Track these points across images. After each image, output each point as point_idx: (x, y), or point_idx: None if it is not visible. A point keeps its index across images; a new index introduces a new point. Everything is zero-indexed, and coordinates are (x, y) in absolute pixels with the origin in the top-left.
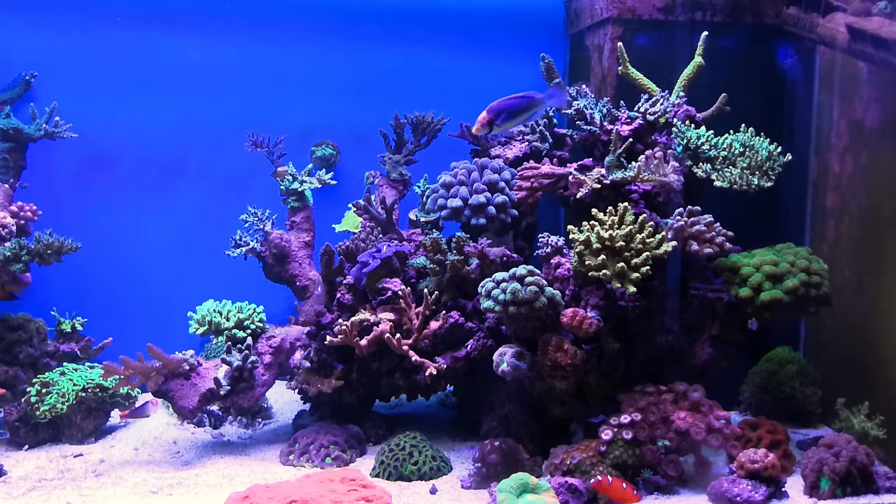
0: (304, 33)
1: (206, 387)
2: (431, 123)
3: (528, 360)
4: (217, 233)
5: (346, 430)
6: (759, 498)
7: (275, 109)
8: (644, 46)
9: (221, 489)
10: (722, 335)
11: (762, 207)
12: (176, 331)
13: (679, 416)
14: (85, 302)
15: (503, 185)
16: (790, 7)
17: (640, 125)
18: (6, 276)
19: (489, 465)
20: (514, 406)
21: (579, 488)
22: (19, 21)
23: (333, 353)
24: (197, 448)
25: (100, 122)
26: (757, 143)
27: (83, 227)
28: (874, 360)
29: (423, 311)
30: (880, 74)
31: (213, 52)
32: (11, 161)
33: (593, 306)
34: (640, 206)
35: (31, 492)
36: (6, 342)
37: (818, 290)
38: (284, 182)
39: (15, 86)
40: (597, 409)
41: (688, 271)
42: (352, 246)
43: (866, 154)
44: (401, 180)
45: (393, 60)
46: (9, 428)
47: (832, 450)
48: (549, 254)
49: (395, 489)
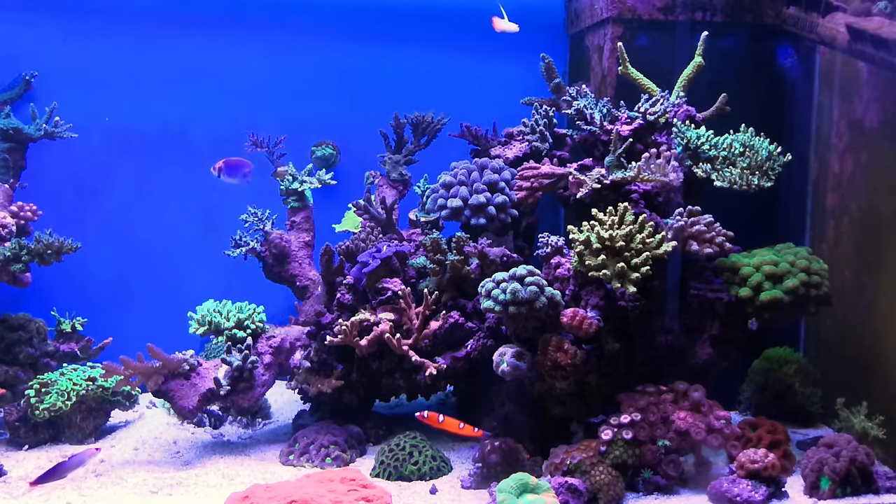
0: (305, 33)
1: (206, 387)
2: (431, 123)
3: (528, 360)
4: (217, 233)
5: (346, 430)
6: (759, 498)
7: (275, 109)
8: (644, 46)
9: (221, 489)
10: (722, 335)
11: (762, 207)
12: (176, 331)
13: (679, 416)
14: (85, 302)
15: (503, 185)
16: (790, 7)
17: (640, 125)
18: (6, 276)
19: (489, 465)
20: (514, 406)
21: (579, 488)
22: (19, 21)
23: (333, 353)
24: (197, 448)
25: (100, 122)
26: (757, 143)
27: (83, 226)
28: (874, 360)
29: (423, 311)
30: (880, 74)
31: (214, 51)
32: (11, 161)
33: (593, 306)
34: (640, 206)
35: (31, 492)
36: (6, 342)
37: (818, 290)
38: (284, 182)
39: (15, 86)
40: (597, 409)
41: (688, 271)
42: (352, 246)
43: (866, 154)
44: (401, 180)
45: (393, 60)
46: (9, 428)
47: (832, 450)
48: (549, 254)
49: (395, 489)
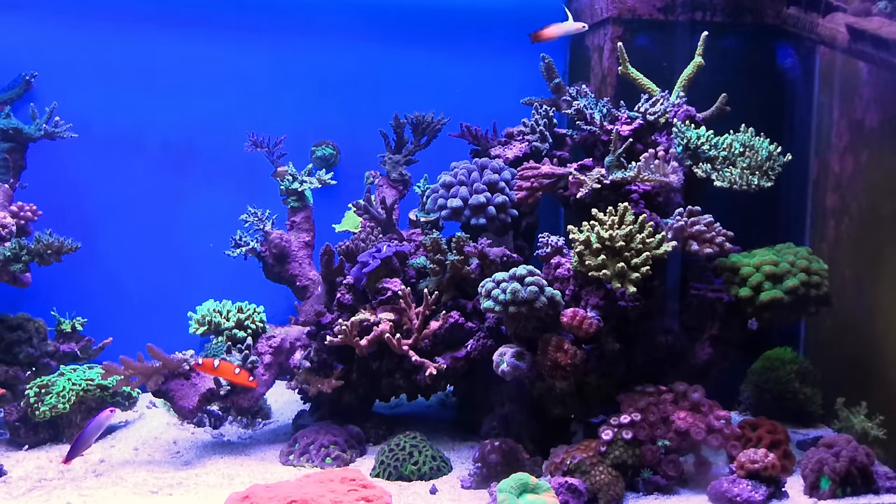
0: (305, 33)
1: (206, 387)
2: (431, 123)
3: (528, 360)
4: (217, 233)
5: (346, 430)
6: (759, 498)
7: (275, 109)
8: (644, 46)
9: (221, 489)
10: (722, 335)
11: (762, 207)
12: (176, 331)
13: (679, 416)
14: (85, 302)
15: (503, 185)
16: (790, 7)
17: (640, 125)
18: (6, 276)
19: (489, 465)
20: (514, 406)
21: (579, 488)
22: (19, 21)
23: (333, 353)
24: (197, 448)
25: (100, 122)
26: (757, 143)
27: (83, 226)
28: (874, 360)
29: (423, 311)
30: (880, 74)
31: (214, 52)
32: (11, 161)
33: (593, 306)
34: (640, 206)
35: (31, 492)
36: (5, 342)
37: (818, 290)
38: (284, 182)
39: (15, 86)
40: (597, 409)
41: (688, 271)
42: (352, 246)
43: (866, 154)
44: (401, 180)
45: (393, 60)
46: (9, 428)
47: (832, 450)
48: (549, 254)
49: (395, 489)
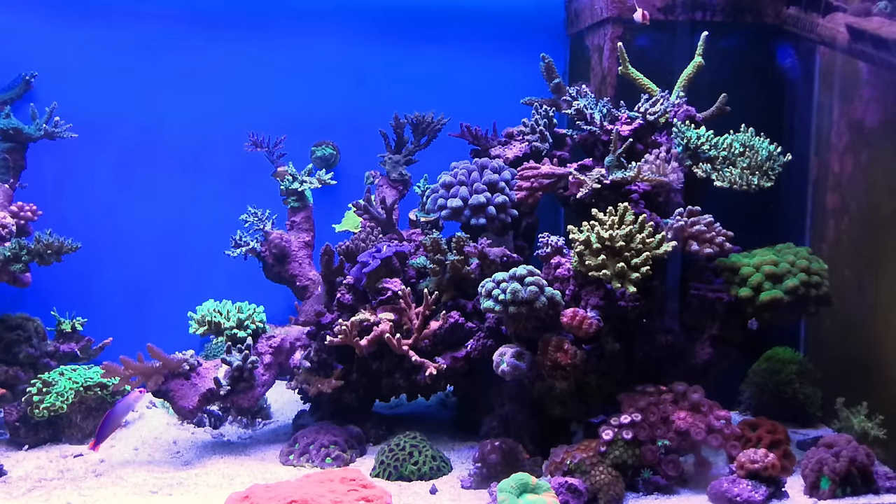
0: (305, 33)
1: (206, 387)
2: (431, 123)
3: (527, 360)
4: (217, 233)
5: (346, 430)
6: (759, 498)
7: (275, 109)
8: (644, 46)
9: (221, 489)
10: (722, 335)
11: (762, 207)
12: (176, 331)
13: (679, 416)
14: (85, 302)
15: (503, 185)
16: (790, 7)
17: (640, 125)
18: (6, 276)
19: (489, 465)
20: (514, 406)
21: (579, 488)
22: (19, 21)
23: (333, 353)
24: (197, 448)
25: (100, 123)
26: (757, 143)
27: (83, 226)
28: (874, 360)
29: (423, 311)
30: (880, 74)
31: (214, 51)
32: (11, 161)
33: (593, 306)
34: (640, 206)
35: (31, 492)
36: (5, 342)
37: (818, 290)
38: (284, 182)
39: (15, 86)
40: (597, 409)
41: (688, 271)
42: (352, 246)
43: (866, 154)
44: (401, 180)
45: (393, 60)
46: (9, 428)
47: (832, 450)
48: (549, 254)
49: (395, 489)
